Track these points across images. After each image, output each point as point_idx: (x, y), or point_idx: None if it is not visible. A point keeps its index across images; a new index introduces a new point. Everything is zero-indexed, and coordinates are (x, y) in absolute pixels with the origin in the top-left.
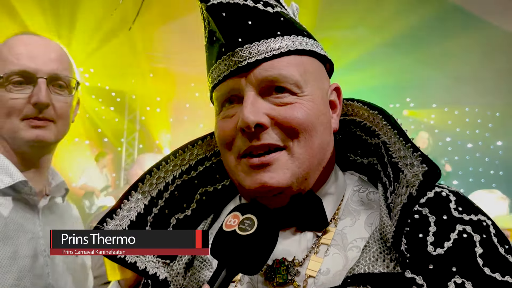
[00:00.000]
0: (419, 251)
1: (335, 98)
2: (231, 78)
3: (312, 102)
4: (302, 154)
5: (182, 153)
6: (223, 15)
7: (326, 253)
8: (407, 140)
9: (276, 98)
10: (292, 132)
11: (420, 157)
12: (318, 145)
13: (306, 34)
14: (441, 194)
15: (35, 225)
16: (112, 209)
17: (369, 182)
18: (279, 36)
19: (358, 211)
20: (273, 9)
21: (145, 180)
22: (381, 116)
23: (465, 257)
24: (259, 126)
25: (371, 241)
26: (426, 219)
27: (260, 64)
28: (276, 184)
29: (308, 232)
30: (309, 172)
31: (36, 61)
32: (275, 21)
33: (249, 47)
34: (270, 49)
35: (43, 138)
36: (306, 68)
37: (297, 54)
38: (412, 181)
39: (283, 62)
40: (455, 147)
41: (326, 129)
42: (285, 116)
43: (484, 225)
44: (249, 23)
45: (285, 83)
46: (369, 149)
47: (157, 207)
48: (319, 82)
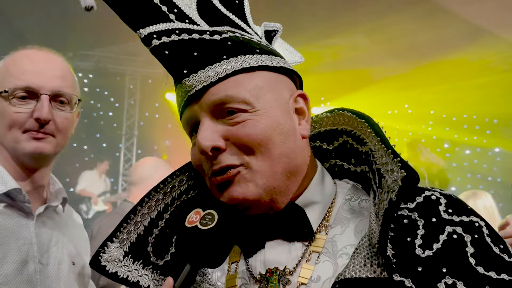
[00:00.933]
0: (407, 254)
1: (302, 105)
2: (186, 108)
3: (265, 115)
4: (261, 167)
5: (179, 174)
6: (166, 53)
7: (317, 261)
8: (388, 146)
9: (230, 119)
10: (247, 148)
11: (400, 162)
12: (278, 154)
13: (259, 51)
14: (430, 197)
15: (29, 231)
16: (112, 232)
17: (362, 190)
18: (225, 59)
19: (348, 219)
20: (221, 36)
21: (143, 203)
22: (367, 124)
23: (455, 258)
24: (216, 150)
25: (359, 247)
26: (415, 222)
27: (207, 90)
28: (242, 196)
29: (297, 242)
30: (275, 182)
31: (41, 77)
32: (221, 47)
33: (195, 75)
34: (215, 74)
35: (42, 150)
36: (256, 83)
37: (245, 72)
38: (392, 186)
39: (228, 83)
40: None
41: (288, 137)
42: (237, 134)
43: (477, 225)
44: (195, 54)
45: (233, 103)
46: (361, 157)
47: (157, 228)
48: (275, 93)
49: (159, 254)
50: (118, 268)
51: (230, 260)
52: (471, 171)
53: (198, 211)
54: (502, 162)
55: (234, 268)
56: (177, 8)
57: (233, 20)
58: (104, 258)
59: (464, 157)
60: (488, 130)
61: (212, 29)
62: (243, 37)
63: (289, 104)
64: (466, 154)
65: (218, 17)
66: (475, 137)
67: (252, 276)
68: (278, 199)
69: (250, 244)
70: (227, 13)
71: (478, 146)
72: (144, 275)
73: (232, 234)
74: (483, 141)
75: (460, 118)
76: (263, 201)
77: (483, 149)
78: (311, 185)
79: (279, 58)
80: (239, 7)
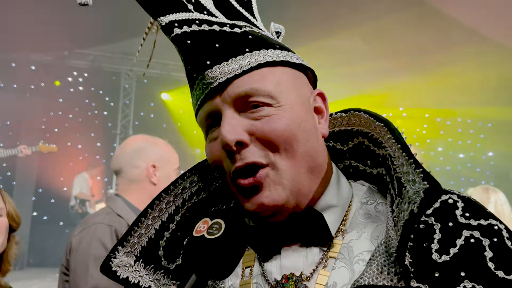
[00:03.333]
0: (424, 260)
1: (320, 104)
2: (207, 101)
3: (290, 111)
4: (286, 165)
5: (190, 175)
6: (188, 43)
7: (333, 267)
8: (410, 156)
9: (253, 113)
10: (272, 145)
11: (422, 174)
12: (302, 152)
13: (278, 47)
14: (447, 201)
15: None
16: (122, 237)
17: (378, 192)
18: (248, 52)
19: (364, 224)
20: (241, 29)
21: (154, 205)
22: (386, 129)
23: (474, 262)
24: (240, 144)
25: (376, 254)
26: (431, 227)
27: (231, 82)
28: (273, 203)
29: (315, 247)
30: (300, 182)
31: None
32: (242, 40)
33: (218, 67)
34: (239, 66)
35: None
36: (280, 78)
37: (268, 66)
38: (413, 197)
39: (254, 76)
40: (446, 157)
41: (311, 136)
42: (263, 129)
43: (496, 229)
44: (216, 45)
45: (258, 96)
46: (378, 159)
47: (168, 231)
48: (297, 90)
49: (171, 257)
50: (129, 273)
51: (245, 265)
52: (464, 175)
53: (206, 220)
54: (496, 166)
55: (248, 273)
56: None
57: (246, 16)
58: (115, 263)
59: (458, 160)
60: (482, 134)
61: (231, 22)
62: (260, 32)
63: (310, 101)
64: (460, 158)
65: (233, 11)
66: (469, 141)
67: (267, 281)
68: (301, 202)
69: (266, 248)
70: (240, 9)
71: (472, 150)
72: (156, 280)
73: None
74: (477, 145)
75: (455, 122)
76: (289, 206)
77: (477, 153)
78: (329, 187)
79: (297, 55)
80: (248, 5)
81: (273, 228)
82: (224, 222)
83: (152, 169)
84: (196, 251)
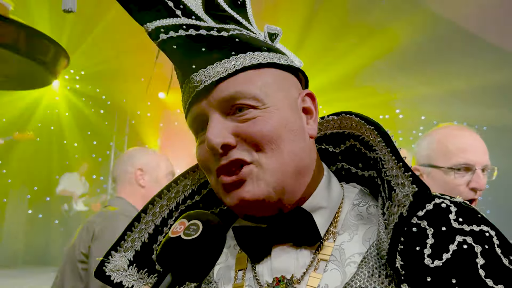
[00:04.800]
0: (416, 264)
1: (309, 105)
2: (194, 104)
3: (275, 112)
4: (271, 164)
5: (183, 179)
6: (174, 48)
7: (325, 269)
8: (399, 159)
9: (239, 116)
10: (258, 146)
11: (411, 177)
12: (288, 152)
13: (266, 49)
14: (440, 205)
15: None
16: (116, 241)
17: (370, 195)
18: (234, 55)
19: (356, 225)
20: (228, 33)
21: (147, 210)
22: (376, 132)
23: (465, 269)
24: (226, 146)
25: (367, 256)
26: (424, 231)
27: (217, 86)
28: (253, 197)
29: (305, 249)
30: (285, 180)
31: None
32: (229, 43)
33: (204, 70)
34: (224, 69)
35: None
36: (266, 80)
37: (254, 69)
38: (402, 201)
39: (238, 79)
40: None
41: (297, 136)
42: (248, 131)
43: (487, 235)
44: (203, 49)
45: (243, 99)
46: (369, 162)
47: (162, 235)
48: (284, 92)
49: None
50: (123, 277)
51: (237, 268)
52: None
53: (183, 222)
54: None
55: (241, 276)
56: (183, 4)
57: (238, 19)
58: (108, 268)
59: None
60: None
61: (219, 26)
62: (249, 35)
63: (297, 102)
64: None
65: (223, 15)
66: None
67: (259, 284)
68: (285, 200)
69: (257, 250)
70: (231, 12)
71: None
72: (149, 284)
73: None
74: None
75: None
76: (271, 201)
77: None
78: (318, 189)
79: (286, 56)
80: (242, 7)
81: (263, 228)
82: (202, 224)
83: (140, 172)
84: (172, 251)
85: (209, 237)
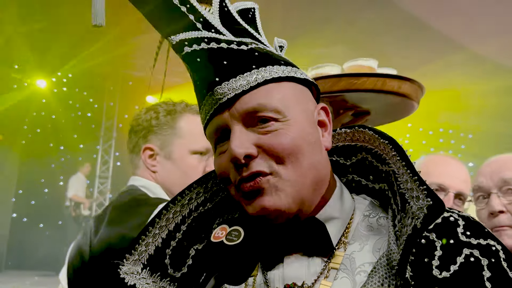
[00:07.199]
0: (425, 275)
1: (324, 118)
2: (216, 116)
3: (295, 125)
4: (291, 176)
5: (196, 187)
6: (198, 61)
7: (335, 277)
8: (414, 173)
9: (261, 128)
10: (279, 157)
11: (426, 190)
12: (307, 164)
13: (283, 63)
14: (449, 219)
15: None
16: (130, 245)
17: (380, 207)
18: (255, 69)
19: (367, 236)
20: (247, 46)
21: (161, 215)
22: (391, 146)
23: (472, 281)
24: (248, 157)
25: (378, 266)
26: (433, 243)
27: (239, 98)
28: (274, 207)
29: (316, 257)
30: (304, 192)
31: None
32: (249, 57)
33: (227, 83)
34: (246, 83)
35: None
36: (285, 93)
37: (274, 82)
38: (417, 213)
39: (260, 92)
40: None
41: (315, 148)
42: (270, 143)
43: (493, 249)
44: (225, 63)
45: (265, 111)
46: (381, 175)
47: (175, 240)
48: (302, 105)
49: (176, 266)
50: (137, 280)
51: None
52: None
53: (224, 227)
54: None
55: (251, 282)
56: (202, 18)
57: (251, 33)
58: (123, 270)
59: None
60: (463, 145)
61: (238, 39)
62: (265, 48)
63: (314, 115)
64: None
65: (239, 28)
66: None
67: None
68: (303, 211)
69: (269, 257)
70: (245, 25)
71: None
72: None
73: (257, 251)
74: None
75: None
76: (291, 212)
77: None
78: (332, 200)
79: (301, 70)
80: (253, 21)
81: (276, 236)
82: (243, 230)
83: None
84: (215, 256)
85: (250, 242)
